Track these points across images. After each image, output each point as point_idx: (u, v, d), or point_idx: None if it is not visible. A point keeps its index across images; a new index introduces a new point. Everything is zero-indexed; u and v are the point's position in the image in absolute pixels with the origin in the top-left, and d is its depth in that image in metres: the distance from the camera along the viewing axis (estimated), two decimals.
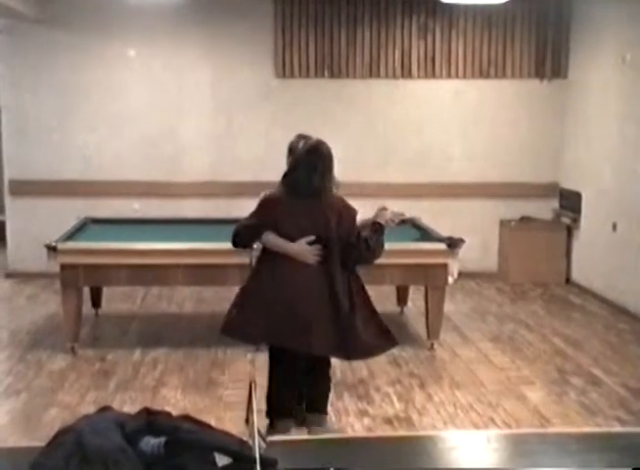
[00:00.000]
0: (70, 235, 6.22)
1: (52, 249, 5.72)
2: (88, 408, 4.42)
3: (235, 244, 4.44)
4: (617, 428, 4.60)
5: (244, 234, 4.35)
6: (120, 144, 8.35)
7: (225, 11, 8.24)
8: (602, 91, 7.80)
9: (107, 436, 2.14)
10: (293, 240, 4.19)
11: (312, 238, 4.18)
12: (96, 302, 6.93)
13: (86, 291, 6.53)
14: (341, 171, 8.47)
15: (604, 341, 6.48)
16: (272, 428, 4.35)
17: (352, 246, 4.23)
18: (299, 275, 4.19)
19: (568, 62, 8.50)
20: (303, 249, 4.17)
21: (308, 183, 4.22)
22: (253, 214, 4.34)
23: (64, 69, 8.23)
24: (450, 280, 5.91)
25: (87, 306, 6.56)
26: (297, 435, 4.25)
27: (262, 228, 4.24)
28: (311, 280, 4.18)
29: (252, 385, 2.87)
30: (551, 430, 4.55)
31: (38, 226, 7.80)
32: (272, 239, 4.23)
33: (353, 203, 4.84)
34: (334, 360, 5.94)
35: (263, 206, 4.36)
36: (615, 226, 7.45)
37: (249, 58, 8.35)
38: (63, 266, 5.79)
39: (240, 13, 8.26)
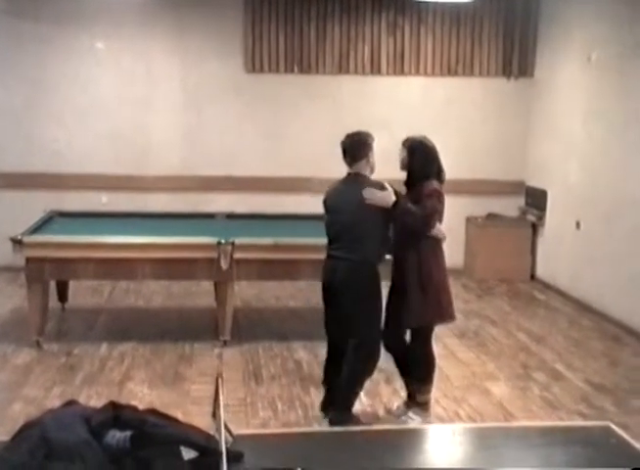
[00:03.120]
0: (37, 228, 6.18)
1: (17, 242, 5.67)
2: (53, 403, 4.39)
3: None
4: (579, 422, 4.68)
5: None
6: (89, 137, 8.28)
7: (195, 4, 8.21)
8: (568, 90, 7.91)
9: (72, 430, 2.14)
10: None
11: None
12: (62, 295, 6.87)
13: (52, 284, 6.48)
14: (310, 166, 8.53)
15: (567, 337, 6.58)
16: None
17: None
18: (443, 253, 4.70)
19: (534, 61, 8.60)
20: (442, 229, 4.65)
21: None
22: (438, 205, 4.56)
23: (31, 61, 8.13)
24: None
25: (53, 300, 6.51)
26: None
27: None
28: None
29: (220, 379, 2.88)
30: (514, 424, 4.61)
31: (4, 219, 7.68)
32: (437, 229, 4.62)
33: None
34: (307, 355, 5.98)
35: (442, 198, 4.60)
36: (578, 224, 7.56)
37: (218, 52, 8.32)
38: (28, 260, 5.75)
39: (210, 7, 8.23)
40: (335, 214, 4.62)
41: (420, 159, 4.57)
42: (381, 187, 4.48)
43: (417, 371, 4.82)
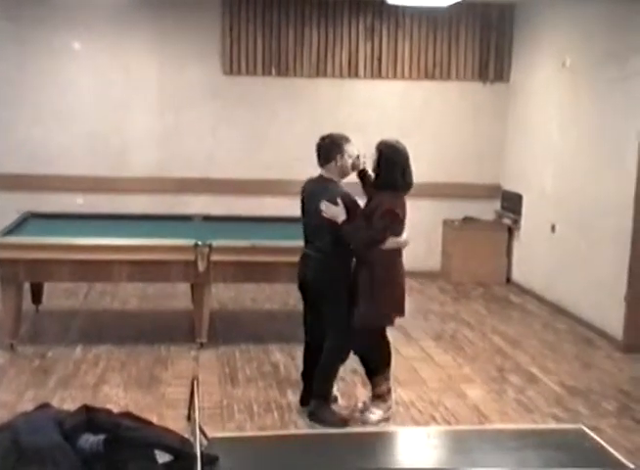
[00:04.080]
0: (11, 230, 6.12)
1: None
2: (27, 407, 4.35)
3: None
4: (553, 425, 4.72)
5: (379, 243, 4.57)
6: (65, 138, 8.22)
7: (173, 6, 8.18)
8: (543, 94, 7.97)
9: (44, 433, 2.12)
10: (401, 234, 4.65)
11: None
12: (37, 297, 6.81)
13: (27, 286, 6.42)
14: (287, 169, 8.53)
15: (542, 340, 6.63)
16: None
17: None
18: (401, 259, 4.73)
19: (510, 65, 8.67)
20: (406, 239, 4.70)
21: (413, 181, 4.71)
22: (394, 223, 4.56)
23: (8, 60, 8.06)
24: None
25: (27, 302, 6.45)
26: None
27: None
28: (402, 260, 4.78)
29: (195, 382, 2.88)
30: (489, 427, 4.65)
31: None
32: (392, 241, 4.59)
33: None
34: (284, 358, 5.98)
35: (397, 216, 4.60)
36: (553, 228, 7.62)
37: (196, 54, 8.30)
38: (2, 261, 5.69)
39: (188, 9, 8.20)
40: (305, 213, 4.83)
41: (385, 163, 4.60)
42: (339, 199, 4.54)
43: (367, 364, 4.87)
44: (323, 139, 4.72)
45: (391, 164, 4.59)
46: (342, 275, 4.67)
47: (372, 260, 4.58)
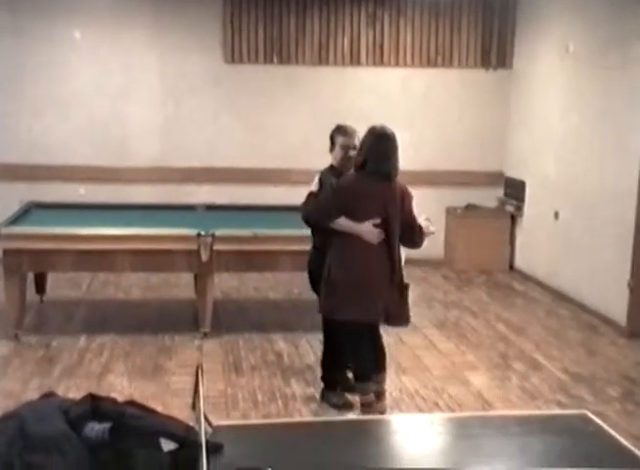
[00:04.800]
0: (14, 220, 6.13)
1: None
2: (32, 396, 4.34)
3: (311, 224, 4.62)
4: (557, 411, 4.72)
5: (322, 215, 4.48)
6: (67, 128, 8.21)
7: None
8: (546, 81, 7.94)
9: (50, 422, 2.13)
10: (361, 221, 4.38)
11: (378, 221, 4.38)
12: (40, 287, 6.82)
13: (30, 276, 6.43)
14: (288, 158, 8.52)
15: (545, 326, 6.63)
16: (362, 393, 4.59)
17: (410, 228, 4.50)
18: (365, 253, 4.41)
19: (513, 52, 8.63)
20: (369, 230, 4.37)
21: (387, 168, 4.40)
22: (330, 197, 4.49)
23: (7, 51, 8.04)
24: None
25: (31, 292, 6.46)
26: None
27: (338, 211, 4.42)
28: (374, 258, 4.43)
29: (199, 371, 2.87)
30: (493, 413, 4.64)
31: None
32: (342, 221, 4.41)
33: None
34: (287, 346, 5.98)
35: (339, 190, 4.49)
36: (557, 215, 7.61)
37: (197, 43, 8.27)
38: (6, 252, 5.71)
39: None
40: None
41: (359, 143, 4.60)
42: (318, 175, 4.69)
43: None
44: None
45: (360, 145, 4.55)
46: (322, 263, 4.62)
47: (331, 250, 4.53)
